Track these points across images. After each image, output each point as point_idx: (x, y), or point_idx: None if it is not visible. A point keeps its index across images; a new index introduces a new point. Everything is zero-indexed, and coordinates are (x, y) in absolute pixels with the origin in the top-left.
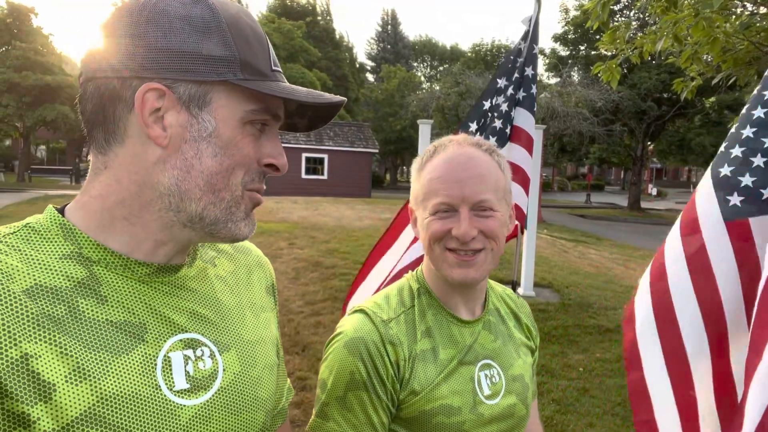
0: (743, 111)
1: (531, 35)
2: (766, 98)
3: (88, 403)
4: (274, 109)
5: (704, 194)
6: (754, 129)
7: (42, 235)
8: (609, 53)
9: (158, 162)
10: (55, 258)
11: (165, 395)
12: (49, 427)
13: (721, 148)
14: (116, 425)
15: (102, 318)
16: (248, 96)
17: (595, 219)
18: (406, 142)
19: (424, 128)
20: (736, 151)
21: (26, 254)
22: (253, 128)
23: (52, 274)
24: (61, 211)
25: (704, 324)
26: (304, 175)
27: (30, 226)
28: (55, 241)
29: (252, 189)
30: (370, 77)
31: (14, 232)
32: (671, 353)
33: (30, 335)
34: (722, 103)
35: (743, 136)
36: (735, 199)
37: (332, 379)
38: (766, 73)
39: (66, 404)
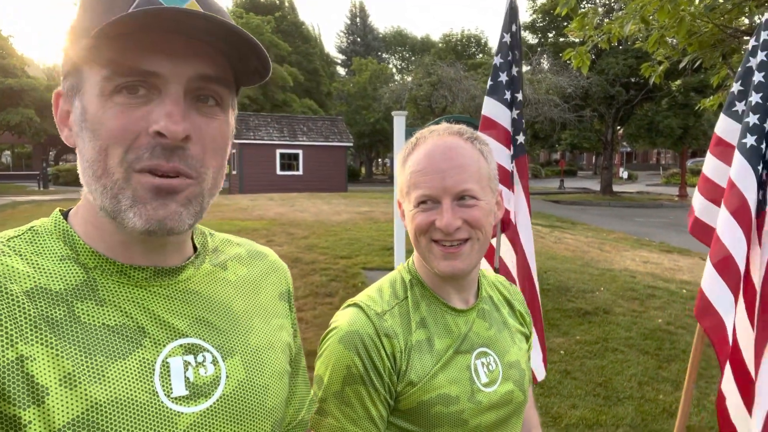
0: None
1: (502, 25)
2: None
3: (81, 408)
4: (134, 66)
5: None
6: None
7: (44, 238)
8: (578, 40)
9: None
10: (54, 261)
11: (162, 402)
12: None
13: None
14: None
15: (99, 322)
16: (102, 63)
17: (569, 204)
18: (380, 134)
19: (399, 120)
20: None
21: (27, 257)
22: (123, 96)
23: (51, 277)
24: (66, 215)
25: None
26: (279, 172)
27: (34, 230)
28: (56, 245)
29: (143, 169)
30: (341, 71)
31: (19, 236)
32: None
33: (27, 337)
34: (688, 86)
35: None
36: None
37: (329, 374)
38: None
39: (58, 409)
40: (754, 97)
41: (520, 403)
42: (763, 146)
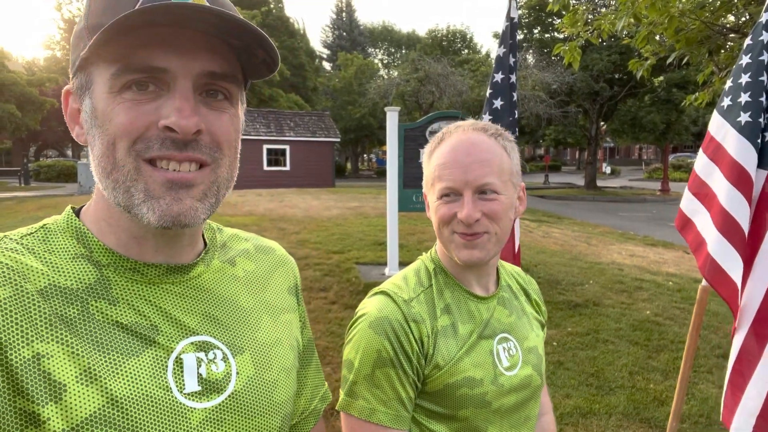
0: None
1: (510, 45)
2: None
3: (98, 404)
4: (143, 62)
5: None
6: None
7: (56, 236)
8: (564, 35)
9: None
10: (67, 259)
11: (175, 397)
12: (59, 428)
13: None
14: (126, 427)
15: (112, 320)
16: (111, 60)
17: (554, 199)
18: (366, 129)
19: (392, 115)
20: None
21: (41, 255)
22: (132, 93)
23: (65, 275)
24: (78, 213)
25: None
26: (266, 167)
27: (46, 227)
28: (68, 243)
29: (153, 159)
30: (327, 66)
31: (31, 233)
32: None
33: (42, 335)
34: (670, 82)
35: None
36: None
37: (359, 358)
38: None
39: (76, 405)
40: (743, 97)
41: (538, 387)
42: (761, 120)
